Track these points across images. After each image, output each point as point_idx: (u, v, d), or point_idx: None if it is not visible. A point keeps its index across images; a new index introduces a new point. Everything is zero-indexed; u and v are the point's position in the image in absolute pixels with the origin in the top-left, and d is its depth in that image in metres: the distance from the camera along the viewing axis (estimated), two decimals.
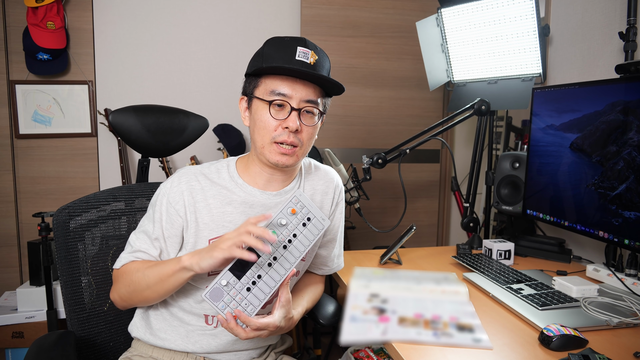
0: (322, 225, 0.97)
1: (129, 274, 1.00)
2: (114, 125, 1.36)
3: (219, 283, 0.89)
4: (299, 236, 0.95)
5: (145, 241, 1.04)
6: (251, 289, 0.90)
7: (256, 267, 0.91)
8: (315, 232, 0.96)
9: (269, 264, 0.92)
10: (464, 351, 0.92)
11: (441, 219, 2.84)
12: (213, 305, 0.88)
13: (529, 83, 1.76)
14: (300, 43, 0.99)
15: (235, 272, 0.90)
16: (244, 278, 0.90)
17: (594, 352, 0.89)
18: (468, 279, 1.34)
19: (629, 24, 1.46)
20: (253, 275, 0.91)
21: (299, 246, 0.95)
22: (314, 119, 1.02)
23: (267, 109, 0.99)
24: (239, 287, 0.89)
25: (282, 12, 2.52)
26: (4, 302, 2.06)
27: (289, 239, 0.94)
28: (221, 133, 2.38)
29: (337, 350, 2.24)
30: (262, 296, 0.91)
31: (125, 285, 1.00)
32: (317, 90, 1.01)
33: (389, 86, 2.61)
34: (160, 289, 0.97)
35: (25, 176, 2.30)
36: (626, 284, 1.25)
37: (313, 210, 0.97)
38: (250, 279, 0.90)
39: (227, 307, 0.89)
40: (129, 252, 1.04)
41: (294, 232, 0.95)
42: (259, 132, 1.01)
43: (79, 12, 2.28)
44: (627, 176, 1.18)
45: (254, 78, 1.03)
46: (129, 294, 1.01)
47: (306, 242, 0.95)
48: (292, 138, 0.98)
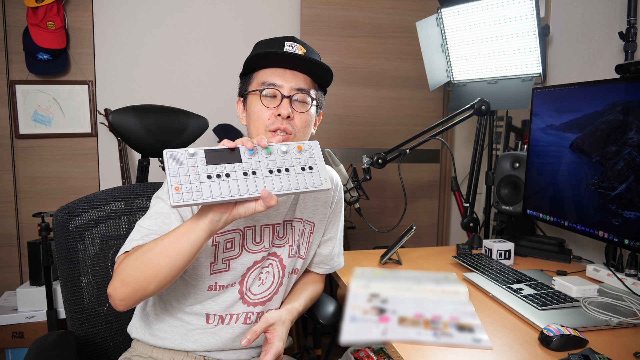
0: (320, 182, 0.86)
1: (139, 249, 0.89)
2: (114, 125, 1.36)
3: (187, 151, 0.79)
4: (289, 173, 0.85)
5: (161, 221, 0.96)
6: (211, 178, 0.79)
7: (230, 166, 0.81)
8: (310, 184, 0.85)
9: (244, 173, 0.81)
10: (464, 351, 0.92)
11: (441, 219, 2.84)
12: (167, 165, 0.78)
13: (529, 83, 1.76)
14: (288, 39, 1.03)
15: (208, 155, 0.81)
16: (211, 166, 0.80)
17: (594, 352, 0.89)
18: (468, 279, 1.34)
19: (629, 24, 1.46)
20: (222, 170, 0.80)
21: (284, 182, 0.84)
22: (306, 107, 1.03)
23: (258, 99, 1.01)
24: (202, 170, 0.79)
25: (282, 12, 2.52)
26: (4, 302, 2.06)
27: (278, 168, 0.84)
28: (221, 133, 2.38)
29: (337, 350, 2.24)
30: (217, 194, 0.78)
31: (132, 260, 0.87)
32: (307, 80, 1.03)
33: (389, 86, 2.61)
34: (172, 251, 0.83)
35: (25, 176, 2.29)
36: (626, 284, 1.25)
37: (319, 165, 0.88)
38: (217, 170, 0.80)
39: (177, 176, 0.77)
40: (143, 235, 0.94)
41: (288, 166, 0.85)
42: (253, 124, 1.02)
43: (79, 12, 2.28)
44: (627, 176, 1.18)
45: (246, 77, 1.06)
46: (134, 269, 0.86)
47: (294, 185, 0.84)
48: (285, 124, 0.99)
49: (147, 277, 0.85)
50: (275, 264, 1.11)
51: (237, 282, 1.06)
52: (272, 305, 1.12)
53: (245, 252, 1.06)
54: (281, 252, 1.11)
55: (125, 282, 0.87)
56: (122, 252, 0.94)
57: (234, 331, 1.07)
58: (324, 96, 1.12)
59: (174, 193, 0.75)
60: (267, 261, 1.10)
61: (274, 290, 1.11)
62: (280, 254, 1.11)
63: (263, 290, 1.10)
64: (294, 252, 1.13)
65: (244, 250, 1.05)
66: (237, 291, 1.07)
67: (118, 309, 0.90)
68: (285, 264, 1.12)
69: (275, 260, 1.11)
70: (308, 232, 1.16)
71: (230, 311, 1.07)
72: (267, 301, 1.10)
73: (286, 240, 1.11)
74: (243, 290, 1.07)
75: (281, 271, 1.12)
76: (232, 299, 1.06)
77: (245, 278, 1.07)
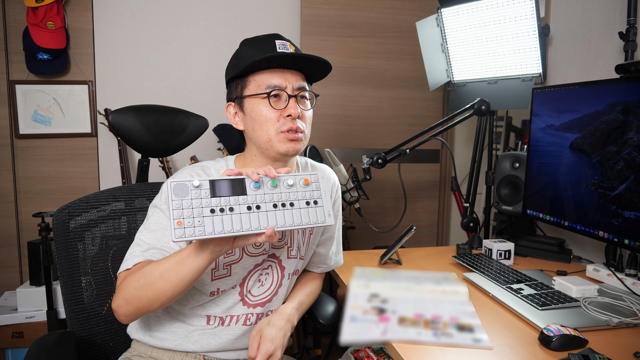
0: (324, 218, 0.85)
1: (141, 270, 0.90)
2: (114, 125, 1.36)
3: (192, 182, 0.78)
4: (294, 208, 0.83)
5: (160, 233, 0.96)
6: (214, 212, 0.78)
7: (234, 199, 0.80)
8: (313, 220, 0.84)
9: (249, 207, 0.80)
10: (464, 351, 0.92)
11: (441, 219, 2.84)
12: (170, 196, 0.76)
13: (529, 83, 1.76)
14: (276, 37, 1.02)
15: (213, 186, 0.79)
16: (215, 199, 0.79)
17: (594, 352, 0.89)
18: (468, 279, 1.34)
19: (629, 24, 1.46)
20: (226, 203, 0.79)
21: (287, 217, 0.82)
22: (308, 104, 1.05)
23: (265, 102, 0.99)
24: (205, 202, 0.78)
25: (282, 12, 2.51)
26: (4, 302, 2.06)
27: (283, 202, 0.83)
28: (221, 133, 2.38)
29: (337, 350, 2.24)
30: (219, 229, 0.77)
31: (134, 281, 0.89)
32: (303, 77, 1.04)
33: (389, 86, 2.61)
34: (174, 276, 0.86)
35: (25, 176, 2.29)
36: (626, 284, 1.25)
37: (325, 199, 0.86)
38: (220, 204, 0.79)
39: (180, 210, 0.76)
40: (143, 250, 0.95)
41: (293, 200, 0.84)
42: (261, 127, 1.01)
43: (79, 12, 2.28)
44: (627, 176, 1.18)
45: (239, 80, 1.03)
46: (137, 291, 0.88)
47: (297, 220, 0.83)
48: (297, 124, 1.00)
49: (149, 299, 0.89)
50: (274, 266, 1.11)
51: (237, 285, 1.06)
52: (272, 307, 1.12)
53: (246, 256, 1.05)
54: (280, 254, 1.11)
55: (129, 301, 0.90)
56: (124, 270, 0.95)
57: (234, 332, 1.07)
58: None
59: (176, 228, 0.75)
60: (267, 263, 1.10)
61: (274, 291, 1.11)
62: (279, 255, 1.11)
63: (262, 292, 1.10)
64: (293, 253, 1.13)
65: (245, 254, 1.05)
66: (238, 293, 1.07)
67: (123, 322, 0.94)
68: (284, 265, 1.12)
69: (274, 262, 1.11)
70: (308, 233, 1.16)
71: (230, 313, 1.07)
72: (267, 302, 1.10)
73: (285, 242, 1.11)
74: (243, 292, 1.07)
75: (280, 272, 1.12)
76: (233, 301, 1.07)
77: (246, 281, 1.07)
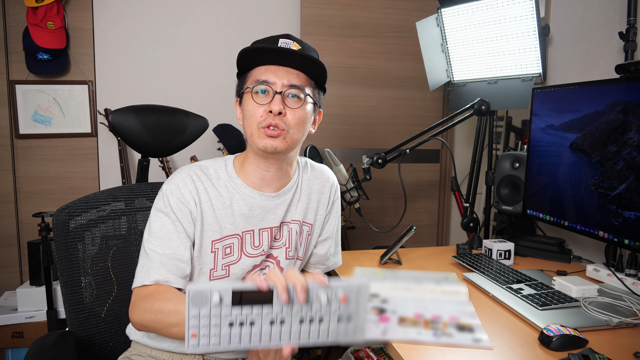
0: (353, 336, 0.75)
1: (159, 300, 0.91)
2: (114, 125, 1.36)
3: (212, 294, 0.68)
4: (322, 323, 0.73)
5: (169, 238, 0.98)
6: (233, 326, 0.70)
7: (257, 310, 0.71)
8: (342, 337, 0.75)
9: (272, 321, 0.72)
10: (464, 351, 0.92)
11: (441, 219, 2.84)
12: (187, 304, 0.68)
13: (529, 83, 1.76)
14: (283, 36, 1.02)
15: (235, 296, 0.70)
16: (237, 308, 0.70)
17: (594, 352, 0.89)
18: (468, 279, 1.34)
19: (629, 24, 1.46)
20: (247, 316, 0.70)
21: (313, 333, 0.73)
22: (299, 103, 1.01)
23: (251, 97, 1.00)
24: (225, 312, 0.69)
25: (282, 12, 2.52)
26: (4, 302, 2.06)
27: (311, 317, 0.73)
28: (221, 133, 2.38)
29: (337, 350, 2.24)
30: (236, 343, 0.71)
31: (151, 312, 0.90)
32: (302, 77, 1.01)
33: (389, 86, 2.61)
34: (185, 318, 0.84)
35: (25, 176, 2.30)
36: (626, 284, 1.25)
37: (360, 314, 0.75)
38: (241, 316, 0.70)
39: (196, 319, 0.69)
40: (158, 265, 0.96)
41: (323, 316, 0.73)
42: (247, 121, 1.02)
43: (79, 12, 2.28)
44: (627, 176, 1.18)
45: (243, 77, 1.05)
46: (153, 323, 0.90)
47: (323, 337, 0.74)
48: (276, 120, 0.98)
49: (163, 334, 0.96)
50: (272, 266, 1.10)
51: None
52: None
53: (245, 257, 1.05)
54: (278, 254, 1.11)
55: (144, 325, 0.95)
56: (141, 285, 0.96)
57: None
58: (322, 95, 1.09)
59: (190, 339, 0.70)
60: (265, 264, 1.10)
61: None
62: (277, 255, 1.11)
63: None
64: (291, 254, 1.12)
65: (243, 255, 1.05)
66: None
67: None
68: (282, 266, 1.11)
69: (272, 262, 1.10)
70: (306, 234, 1.15)
71: None
72: None
73: (283, 242, 1.11)
74: None
75: None
76: None
77: None
